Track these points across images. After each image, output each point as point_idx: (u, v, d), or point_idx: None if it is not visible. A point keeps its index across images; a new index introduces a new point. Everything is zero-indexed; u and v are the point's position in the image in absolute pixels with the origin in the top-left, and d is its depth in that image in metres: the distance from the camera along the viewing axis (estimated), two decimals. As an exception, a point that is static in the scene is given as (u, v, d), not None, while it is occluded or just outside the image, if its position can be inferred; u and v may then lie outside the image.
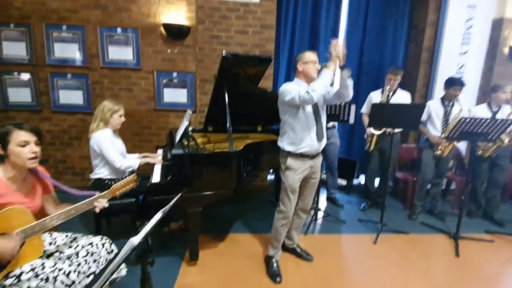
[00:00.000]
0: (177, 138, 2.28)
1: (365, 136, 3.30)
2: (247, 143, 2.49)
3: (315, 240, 2.67)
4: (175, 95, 3.45)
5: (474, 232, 2.91)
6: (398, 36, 3.99)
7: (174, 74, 3.39)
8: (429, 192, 3.30)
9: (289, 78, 3.94)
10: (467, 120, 2.47)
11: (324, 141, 2.03)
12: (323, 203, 3.54)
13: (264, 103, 2.65)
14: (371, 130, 3.15)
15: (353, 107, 2.76)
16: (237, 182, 2.14)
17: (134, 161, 2.34)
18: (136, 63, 3.36)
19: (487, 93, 3.75)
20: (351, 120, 2.81)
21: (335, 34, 3.90)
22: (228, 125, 2.15)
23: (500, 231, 2.94)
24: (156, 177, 2.15)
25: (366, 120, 3.27)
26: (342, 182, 4.02)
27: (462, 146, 3.59)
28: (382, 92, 3.16)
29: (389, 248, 2.59)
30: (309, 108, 1.93)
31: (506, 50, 3.68)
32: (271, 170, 4.07)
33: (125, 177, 1.58)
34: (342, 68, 1.82)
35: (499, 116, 2.97)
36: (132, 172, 2.31)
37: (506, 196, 3.71)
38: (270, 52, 3.54)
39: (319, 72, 1.94)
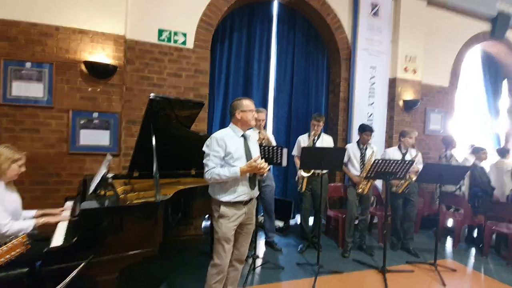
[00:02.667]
0: (91, 187, 1.95)
1: (296, 178, 3.43)
2: (178, 190, 2.29)
3: (254, 293, 2.47)
4: (94, 137, 3.05)
5: (397, 264, 3.16)
6: (320, 87, 4.54)
7: (95, 114, 3.05)
8: (358, 228, 3.52)
9: (224, 121, 3.98)
10: (380, 161, 2.81)
11: (257, 187, 2.02)
12: (261, 248, 3.41)
13: (197, 146, 2.54)
14: (301, 172, 3.30)
15: (285, 150, 2.86)
16: (163, 236, 1.88)
17: (27, 223, 1.85)
18: (48, 101, 2.93)
19: (391, 137, 4.45)
20: (284, 162, 2.89)
21: (266, 83, 4.21)
22: (154, 171, 1.95)
23: (417, 261, 3.25)
24: (57, 239, 1.72)
25: (297, 162, 3.44)
26: (279, 223, 4.00)
27: (379, 183, 4.04)
28: (309, 136, 3.41)
29: (327, 291, 2.56)
30: (242, 158, 1.90)
31: (401, 103, 4.51)
32: (206, 216, 3.81)
33: (11, 239, 1.21)
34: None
35: (407, 157, 3.47)
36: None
37: (417, 227, 4.21)
38: (205, 95, 3.56)
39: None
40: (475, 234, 4.06)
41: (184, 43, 3.48)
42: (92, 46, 3.03)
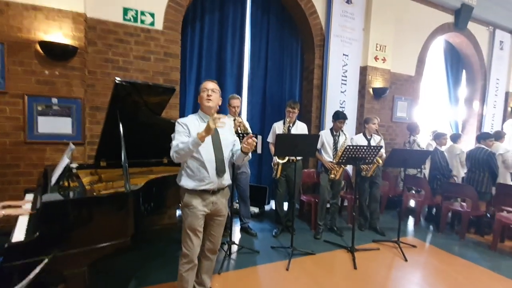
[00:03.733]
0: (54, 178, 1.82)
1: (272, 164, 3.47)
2: (150, 179, 2.21)
3: (230, 278, 2.51)
4: (54, 125, 2.82)
5: (365, 243, 3.37)
6: (294, 74, 4.55)
7: (54, 100, 2.81)
8: (329, 211, 3.67)
9: (196, 108, 3.85)
10: (351, 147, 2.91)
11: (226, 176, 1.92)
12: (237, 234, 3.45)
13: (169, 134, 2.46)
14: (276, 159, 3.34)
15: (259, 137, 2.86)
16: (135, 227, 1.82)
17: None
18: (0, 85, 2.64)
19: (362, 124, 4.62)
20: (259, 150, 2.90)
21: (240, 69, 4.12)
22: (122, 160, 1.86)
23: (383, 239, 3.48)
24: (18, 234, 1.60)
25: (272, 148, 3.46)
26: (255, 209, 4.06)
27: (349, 169, 4.21)
28: (284, 123, 3.43)
29: (300, 271, 2.67)
30: (208, 144, 1.84)
31: (371, 91, 4.66)
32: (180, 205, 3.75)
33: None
34: (245, 153, 1.82)
35: (372, 142, 3.64)
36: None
37: (382, 208, 4.49)
38: (176, 81, 3.42)
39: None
40: (433, 213, 4.43)
41: (152, 24, 3.28)
42: (47, 24, 2.74)
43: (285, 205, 3.76)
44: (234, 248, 3.00)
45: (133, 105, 2.14)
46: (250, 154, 1.86)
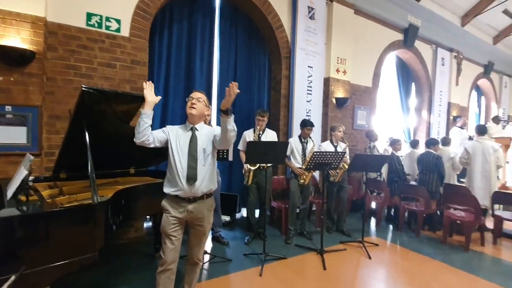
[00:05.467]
0: (9, 193, 1.67)
1: (243, 171, 3.51)
2: (118, 190, 2.13)
3: (203, 289, 2.47)
4: (7, 135, 2.59)
5: (333, 244, 3.53)
6: (262, 84, 4.69)
7: (8, 108, 2.59)
8: (299, 216, 3.79)
9: (165, 116, 3.82)
10: (318, 153, 3.08)
11: (200, 185, 1.85)
12: (208, 244, 3.41)
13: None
14: (248, 166, 3.40)
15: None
16: (104, 240, 1.73)
17: None
18: None
19: (327, 131, 4.88)
20: (230, 157, 2.94)
21: (209, 78, 4.16)
22: (90, 170, 1.77)
23: (349, 240, 3.67)
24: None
25: (243, 156, 3.52)
26: (226, 218, 4.05)
27: (316, 174, 4.40)
28: (254, 131, 3.52)
29: (273, 276, 2.71)
30: (183, 151, 1.86)
31: (334, 101, 4.97)
32: (147, 217, 3.62)
33: None
34: (226, 112, 1.76)
35: (338, 149, 3.86)
36: None
37: (347, 211, 4.73)
38: (143, 89, 3.33)
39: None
40: (392, 213, 4.79)
41: (118, 30, 3.19)
42: (3, 28, 2.54)
43: (257, 212, 3.80)
44: (206, 257, 2.96)
45: (100, 113, 2.06)
46: (231, 120, 1.77)
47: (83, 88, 1.82)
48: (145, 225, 3.65)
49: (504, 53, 8.89)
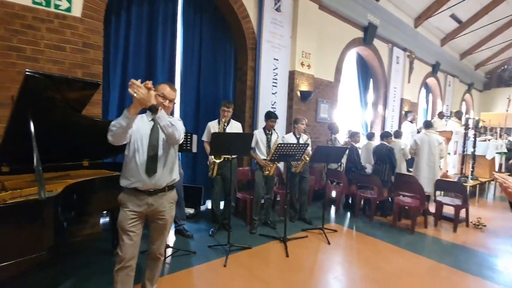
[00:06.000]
0: None
1: (208, 163, 3.47)
2: (69, 184, 1.98)
3: (165, 283, 2.42)
4: None
5: (295, 232, 3.67)
6: (228, 75, 4.63)
7: None
8: (263, 206, 3.87)
9: (122, 105, 3.59)
10: (282, 145, 3.15)
11: (160, 177, 1.81)
12: (171, 237, 3.34)
13: (91, 133, 2.24)
14: (213, 158, 3.36)
15: (194, 136, 2.85)
16: (54, 238, 1.61)
17: None
18: None
19: (291, 124, 5.00)
20: (194, 149, 2.88)
21: (172, 66, 3.99)
22: (35, 163, 1.62)
23: (310, 228, 3.86)
24: None
25: (207, 147, 3.47)
26: (190, 210, 3.99)
27: (280, 165, 4.52)
28: (219, 122, 3.48)
29: (237, 266, 2.76)
30: (143, 141, 1.78)
31: (298, 94, 5.09)
32: (104, 212, 3.43)
33: None
34: (150, 109, 1.71)
35: (301, 141, 3.98)
36: None
37: (310, 200, 4.95)
38: (97, 74, 3.10)
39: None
40: (350, 201, 5.11)
41: (68, 9, 2.90)
42: None
43: (221, 204, 3.81)
44: (169, 251, 2.91)
45: (48, 101, 1.88)
46: (161, 116, 1.69)
47: (27, 73, 1.64)
48: (102, 220, 3.46)
49: (450, 55, 9.82)
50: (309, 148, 3.90)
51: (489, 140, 6.90)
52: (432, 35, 8.78)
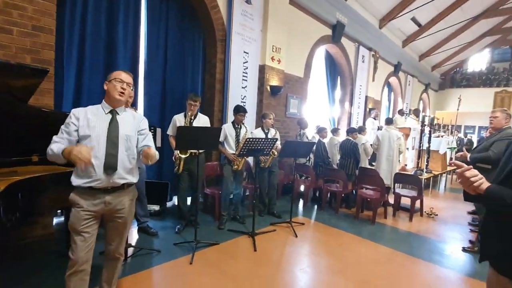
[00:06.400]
0: None
1: (173, 158, 3.35)
2: (12, 182, 1.78)
3: (126, 284, 2.30)
4: None
5: (264, 226, 3.70)
6: (196, 67, 4.48)
7: None
8: (232, 201, 3.84)
9: (79, 96, 3.32)
10: (251, 140, 3.13)
11: (123, 174, 1.72)
12: (134, 236, 3.19)
13: (41, 125, 2.03)
14: (178, 153, 3.24)
15: (159, 130, 2.72)
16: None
17: None
18: None
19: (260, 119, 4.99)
20: (158, 143, 2.75)
21: (135, 54, 3.75)
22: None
23: (279, 221, 3.91)
24: None
25: (173, 141, 3.34)
26: (155, 207, 3.83)
27: (250, 160, 4.50)
28: (185, 116, 3.36)
29: (204, 263, 2.71)
30: (101, 137, 1.65)
31: (268, 88, 5.09)
32: (58, 211, 3.17)
33: None
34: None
35: (269, 136, 4.00)
36: None
37: (279, 194, 5.03)
38: (49, 61, 2.80)
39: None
40: (317, 194, 5.27)
41: (14, -13, 2.58)
42: None
43: (189, 200, 3.71)
44: (131, 251, 2.77)
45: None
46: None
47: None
48: (56, 220, 3.20)
49: (410, 56, 10.46)
50: (278, 143, 3.93)
51: (442, 136, 7.50)
52: (395, 37, 9.27)
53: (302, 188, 5.41)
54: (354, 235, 3.66)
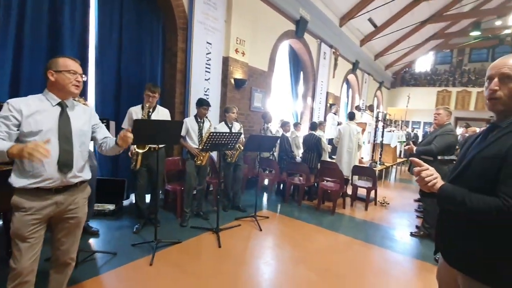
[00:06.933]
0: None
1: (130, 154, 3.11)
2: None
3: (76, 292, 2.09)
4: None
5: (229, 222, 3.65)
6: (155, 55, 4.19)
7: None
8: (195, 197, 3.72)
9: (17, 85, 2.90)
10: (214, 134, 3.03)
11: (76, 172, 1.58)
12: (85, 239, 2.91)
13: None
14: (135, 148, 3.02)
15: (112, 123, 2.49)
16: None
17: None
18: None
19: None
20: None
21: (83, 39, 3.37)
22: None
23: (243, 216, 3.89)
24: None
25: (130, 136, 3.10)
26: (110, 206, 3.55)
27: (214, 154, 4.39)
28: (143, 108, 3.13)
29: (166, 263, 2.58)
30: (51, 132, 1.47)
31: (232, 81, 4.99)
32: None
33: None
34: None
35: (233, 130, 3.92)
36: None
37: (243, 188, 5.00)
38: None
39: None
40: (281, 188, 5.36)
41: None
42: None
43: (148, 197, 3.50)
44: (82, 256, 2.52)
45: None
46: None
47: None
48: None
49: (366, 55, 11.07)
50: (242, 136, 3.88)
51: (393, 131, 8.13)
52: (353, 36, 9.71)
53: (266, 181, 5.46)
54: (315, 226, 3.79)
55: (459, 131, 8.74)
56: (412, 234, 3.72)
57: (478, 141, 1.18)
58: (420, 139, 10.01)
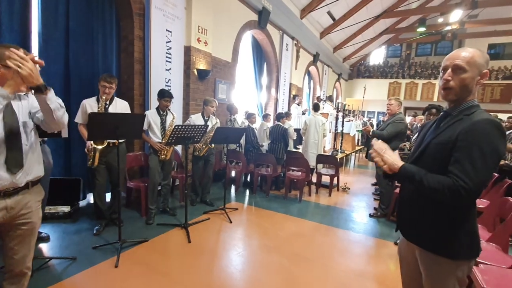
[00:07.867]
0: None
1: (86, 150, 2.86)
2: None
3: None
4: None
5: (197, 216, 3.58)
6: (109, 43, 3.86)
7: None
8: (160, 193, 3.57)
9: None
10: (179, 127, 2.91)
11: (30, 170, 1.45)
12: (39, 245, 2.64)
13: None
14: (92, 144, 2.78)
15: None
16: None
17: None
18: None
19: (188, 104, 4.72)
20: (64, 133, 2.29)
21: (25, 24, 2.97)
22: None
23: (212, 209, 3.84)
24: None
25: (83, 131, 2.85)
26: (65, 208, 3.25)
27: (178, 148, 4.24)
28: (98, 100, 2.88)
29: (132, 263, 2.45)
30: None
31: (195, 72, 4.82)
32: None
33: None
34: (37, 89, 1.29)
35: (209, 123, 3.80)
36: None
37: (210, 182, 4.93)
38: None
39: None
40: (248, 179, 5.39)
41: None
42: None
43: (108, 196, 3.28)
44: (37, 263, 2.28)
45: None
46: (51, 96, 1.35)
47: None
48: None
49: (326, 47, 11.45)
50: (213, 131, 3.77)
51: (351, 120, 8.60)
52: (313, 28, 9.95)
53: (233, 173, 5.44)
54: (284, 214, 3.90)
55: (408, 119, 9.56)
56: (371, 215, 4.02)
57: (433, 128, 1.29)
58: (374, 128, 10.76)
